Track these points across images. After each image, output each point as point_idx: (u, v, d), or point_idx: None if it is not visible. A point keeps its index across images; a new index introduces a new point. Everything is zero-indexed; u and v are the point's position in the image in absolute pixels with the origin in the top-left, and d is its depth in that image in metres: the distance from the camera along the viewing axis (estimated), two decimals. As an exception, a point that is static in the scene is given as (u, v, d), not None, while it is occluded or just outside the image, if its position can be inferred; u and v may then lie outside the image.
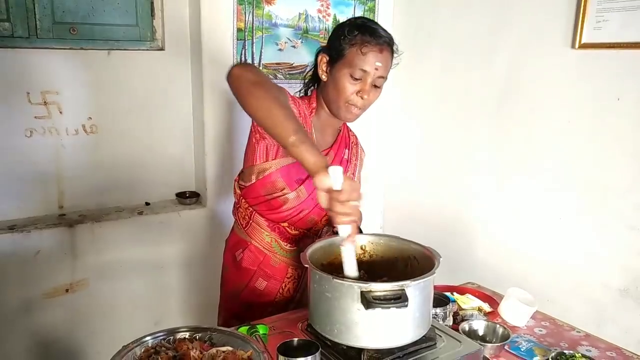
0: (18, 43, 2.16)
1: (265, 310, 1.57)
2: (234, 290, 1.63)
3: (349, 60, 1.42)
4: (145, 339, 1.11)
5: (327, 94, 1.50)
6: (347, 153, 1.63)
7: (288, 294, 1.62)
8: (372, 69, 1.41)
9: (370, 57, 1.41)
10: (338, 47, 1.44)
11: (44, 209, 2.34)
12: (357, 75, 1.42)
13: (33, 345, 2.24)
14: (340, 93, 1.44)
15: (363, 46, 1.40)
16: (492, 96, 2.36)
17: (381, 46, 1.42)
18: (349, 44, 1.42)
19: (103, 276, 2.33)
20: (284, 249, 1.57)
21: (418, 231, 2.67)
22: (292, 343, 1.13)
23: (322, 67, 1.50)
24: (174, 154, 2.61)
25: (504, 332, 1.46)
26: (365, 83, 1.43)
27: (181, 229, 2.51)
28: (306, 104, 1.54)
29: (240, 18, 2.43)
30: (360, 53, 1.40)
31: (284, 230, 1.56)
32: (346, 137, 1.65)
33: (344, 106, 1.46)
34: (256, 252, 1.58)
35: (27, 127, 2.23)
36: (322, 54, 1.50)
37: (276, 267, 1.58)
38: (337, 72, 1.44)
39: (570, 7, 2.01)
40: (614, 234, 1.97)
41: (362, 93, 1.43)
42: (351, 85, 1.43)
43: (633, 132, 1.89)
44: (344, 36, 1.43)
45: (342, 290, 1.10)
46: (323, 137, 1.58)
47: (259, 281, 1.59)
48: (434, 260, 1.22)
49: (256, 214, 1.56)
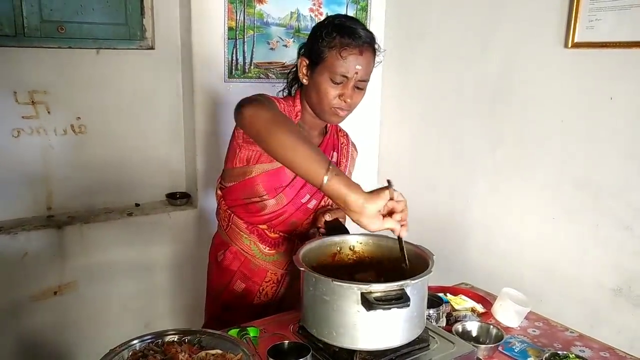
0: (5, 41, 2.12)
1: (243, 313, 1.54)
2: (216, 291, 1.62)
3: (328, 65, 1.38)
4: (133, 343, 1.09)
5: (310, 97, 1.46)
6: (335, 156, 1.60)
7: (266, 297, 1.59)
8: (352, 73, 1.38)
9: (351, 60, 1.37)
10: (317, 51, 1.40)
11: (32, 210, 2.30)
12: (338, 80, 1.38)
13: (21, 348, 2.20)
14: (322, 97, 1.41)
15: (342, 49, 1.36)
16: (485, 96, 2.36)
17: (361, 47, 1.38)
18: (328, 47, 1.38)
19: (92, 278, 2.31)
20: (263, 252, 1.55)
21: (411, 231, 2.66)
22: (283, 346, 1.11)
23: (303, 71, 1.46)
24: (164, 154, 2.58)
25: (497, 333, 1.44)
26: (346, 87, 1.39)
27: (171, 230, 2.48)
28: (290, 105, 1.50)
29: (232, 17, 2.41)
30: (340, 57, 1.36)
31: (263, 233, 1.53)
32: (334, 138, 1.62)
33: (328, 110, 1.43)
34: (237, 254, 1.57)
35: (15, 127, 2.20)
36: (302, 57, 1.46)
37: (255, 270, 1.56)
38: (318, 76, 1.41)
39: (563, 6, 2.00)
40: (607, 234, 1.96)
41: (345, 97, 1.40)
42: (332, 89, 1.40)
43: (626, 132, 1.88)
44: (322, 39, 1.39)
45: (341, 292, 1.09)
46: (309, 139, 1.55)
47: (238, 283, 1.57)
48: (427, 260, 1.21)
49: (234, 216, 1.53)
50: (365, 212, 1.08)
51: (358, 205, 1.08)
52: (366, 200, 1.08)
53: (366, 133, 2.93)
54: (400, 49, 2.78)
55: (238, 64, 2.48)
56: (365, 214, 1.09)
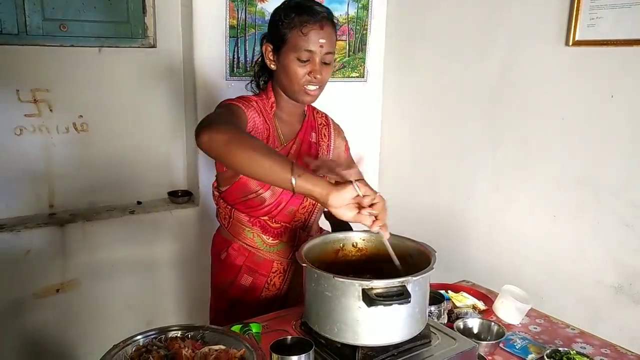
0: (7, 39, 2.13)
1: (252, 307, 1.55)
2: (222, 288, 1.63)
3: (292, 44, 1.41)
4: (137, 338, 1.09)
5: (281, 82, 1.49)
6: (314, 136, 1.62)
7: (274, 288, 1.60)
8: (317, 47, 1.41)
9: (312, 35, 1.40)
10: (279, 34, 1.43)
11: (34, 208, 2.31)
12: (304, 57, 1.41)
13: (23, 345, 2.21)
14: (292, 78, 1.44)
15: (303, 27, 1.40)
16: (486, 94, 2.36)
17: (321, 22, 1.41)
18: (288, 27, 1.41)
19: (94, 276, 2.31)
20: (267, 243, 1.56)
21: (412, 229, 2.65)
22: (286, 341, 1.12)
23: (269, 57, 1.49)
24: (166, 152, 2.59)
25: (498, 330, 1.45)
26: (314, 63, 1.42)
27: (173, 228, 2.49)
28: (264, 99, 1.53)
29: (233, 15, 2.41)
30: (302, 34, 1.40)
31: (265, 224, 1.54)
32: (312, 120, 1.64)
33: (299, 90, 1.46)
34: (240, 250, 1.57)
35: (17, 125, 2.21)
36: (266, 43, 1.49)
37: (261, 263, 1.57)
38: (284, 58, 1.44)
39: (564, 4, 2.00)
40: (608, 232, 1.96)
41: (314, 73, 1.43)
42: (300, 68, 1.42)
43: (627, 130, 1.88)
44: (282, 21, 1.43)
45: (342, 288, 1.09)
46: (290, 127, 1.57)
47: (245, 277, 1.58)
48: (429, 256, 1.21)
49: (236, 211, 1.55)
50: (332, 203, 1.11)
51: (324, 197, 1.12)
52: (330, 192, 1.11)
53: (367, 133, 2.93)
54: (401, 48, 2.78)
55: (239, 62, 2.49)
56: (333, 205, 1.11)
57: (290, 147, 1.54)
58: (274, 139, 1.51)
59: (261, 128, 1.48)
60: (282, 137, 1.54)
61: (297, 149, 1.55)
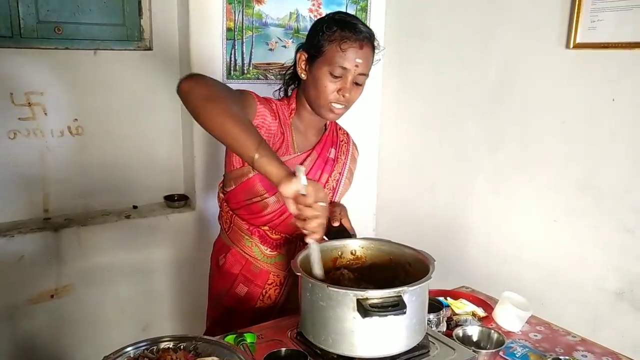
0: (1, 42, 2.10)
1: (246, 317, 1.53)
2: (218, 296, 1.61)
3: (328, 58, 1.38)
4: (127, 350, 1.07)
5: (308, 93, 1.46)
6: (333, 152, 1.59)
7: (269, 300, 1.58)
8: (352, 66, 1.37)
9: (350, 53, 1.36)
10: (317, 44, 1.40)
11: (29, 212, 2.28)
12: (337, 73, 1.38)
13: (17, 352, 2.19)
14: (321, 92, 1.40)
15: (342, 42, 1.36)
16: (486, 96, 2.34)
17: (361, 42, 1.38)
18: (328, 40, 1.38)
19: (89, 281, 2.29)
20: (264, 254, 1.54)
21: (411, 233, 2.65)
22: (280, 353, 1.10)
23: (301, 66, 1.45)
24: (162, 156, 2.56)
25: (498, 338, 1.42)
26: (345, 81, 1.39)
27: (170, 232, 2.46)
28: (285, 105, 1.50)
29: (230, 17, 2.39)
30: (340, 50, 1.36)
31: (264, 234, 1.52)
32: (333, 135, 1.61)
33: (325, 105, 1.42)
34: (238, 256, 1.55)
35: (11, 128, 2.18)
36: (301, 51, 1.46)
37: (257, 273, 1.55)
38: (317, 70, 1.40)
39: (565, 6, 1.99)
40: (609, 237, 1.94)
41: (343, 91, 1.39)
42: (331, 83, 1.39)
43: (628, 133, 1.87)
44: (322, 32, 1.39)
45: (337, 298, 1.07)
46: (306, 137, 1.54)
47: (240, 287, 1.55)
48: (428, 265, 1.19)
49: (237, 217, 1.53)
50: (281, 190, 1.09)
51: (276, 182, 1.10)
52: (282, 179, 1.09)
53: (366, 133, 2.91)
54: (400, 49, 2.76)
55: (237, 64, 2.47)
56: (282, 192, 1.10)
57: (305, 158, 1.51)
58: (287, 145, 1.48)
59: (275, 131, 1.45)
60: (296, 146, 1.50)
61: (312, 161, 1.52)
